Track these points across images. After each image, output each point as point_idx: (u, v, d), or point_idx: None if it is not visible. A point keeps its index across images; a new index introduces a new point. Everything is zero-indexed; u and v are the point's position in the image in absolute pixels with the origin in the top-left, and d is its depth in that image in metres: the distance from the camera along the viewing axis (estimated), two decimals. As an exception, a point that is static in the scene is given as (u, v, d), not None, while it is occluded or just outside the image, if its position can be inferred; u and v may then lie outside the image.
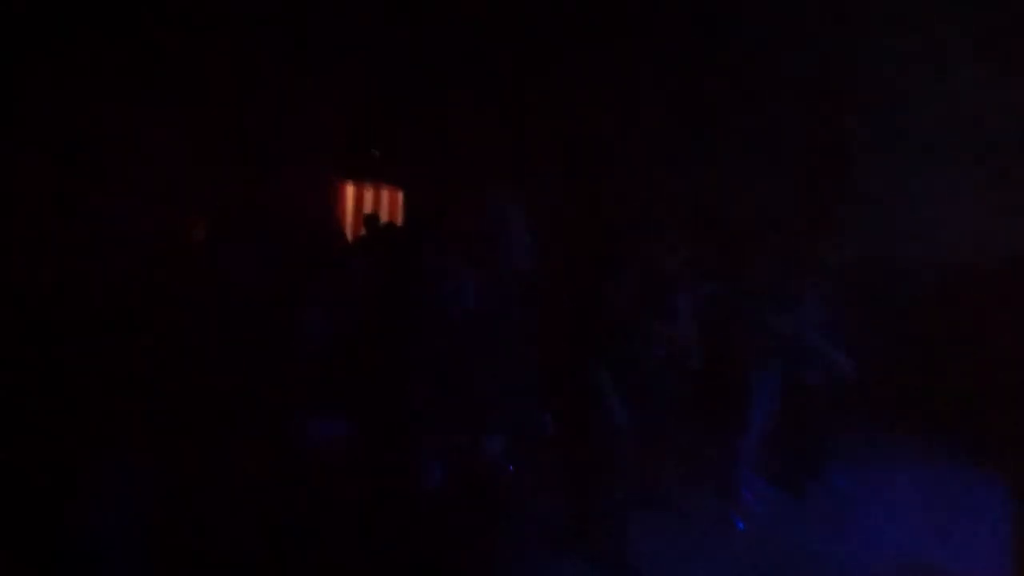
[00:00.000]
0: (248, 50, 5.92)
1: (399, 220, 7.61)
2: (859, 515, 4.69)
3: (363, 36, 6.56)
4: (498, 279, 3.25)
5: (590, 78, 6.83)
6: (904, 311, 5.57)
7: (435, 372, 2.91)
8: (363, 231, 6.20)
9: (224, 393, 2.47)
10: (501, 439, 3.06)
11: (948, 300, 5.94)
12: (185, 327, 2.57)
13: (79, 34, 4.81)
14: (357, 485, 2.65)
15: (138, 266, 2.81)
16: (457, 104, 7.11)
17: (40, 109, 4.45)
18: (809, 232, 5.57)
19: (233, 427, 2.44)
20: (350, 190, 7.72)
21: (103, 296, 2.59)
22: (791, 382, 4.70)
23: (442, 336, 2.95)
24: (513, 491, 3.16)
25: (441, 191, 6.84)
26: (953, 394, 5.68)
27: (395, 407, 2.80)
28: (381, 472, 2.73)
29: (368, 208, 7.65)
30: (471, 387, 2.96)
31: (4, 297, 2.58)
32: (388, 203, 7.98)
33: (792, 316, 4.61)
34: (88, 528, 2.29)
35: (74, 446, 2.28)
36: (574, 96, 6.92)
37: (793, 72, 6.23)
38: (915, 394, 5.75)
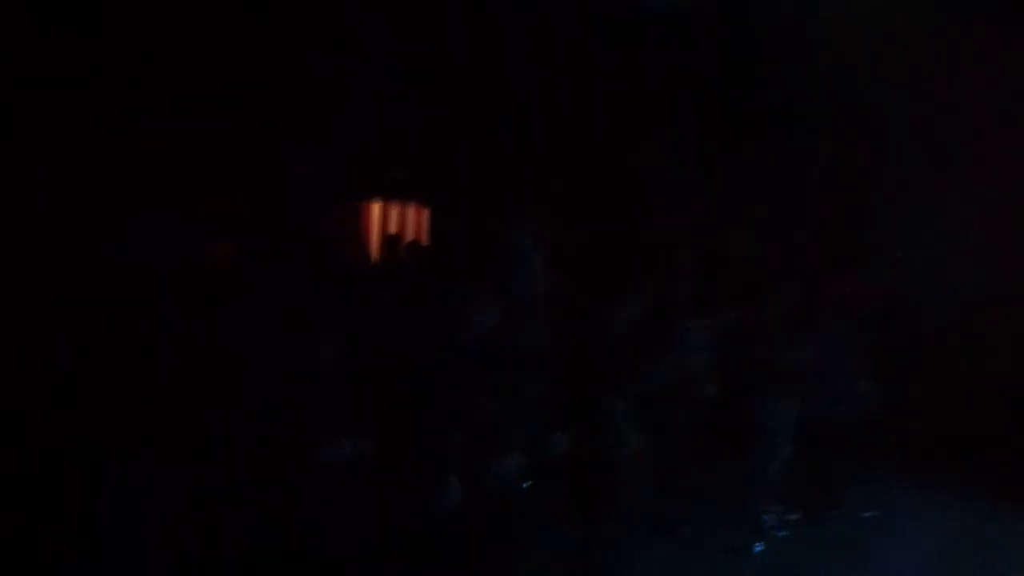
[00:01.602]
0: (275, 70, 6.13)
1: (421, 242, 7.78)
2: (881, 544, 4.74)
3: (392, 57, 6.77)
4: (513, 304, 3.43)
5: (610, 106, 6.99)
6: (924, 340, 5.64)
7: (451, 393, 3.07)
8: (384, 253, 6.38)
9: (247, 411, 2.63)
10: (514, 460, 3.21)
11: (969, 329, 6.01)
12: (209, 344, 2.74)
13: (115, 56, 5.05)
14: (373, 502, 2.79)
15: (166, 285, 2.98)
16: (479, 128, 7.28)
17: (75, 129, 4.66)
18: (827, 262, 5.69)
19: (255, 444, 2.59)
20: (372, 211, 7.91)
21: (131, 311, 2.75)
22: (811, 410, 4.78)
23: (458, 358, 3.11)
24: (525, 513, 3.29)
25: (462, 215, 7.02)
26: (976, 422, 5.72)
27: (411, 427, 2.95)
28: (397, 489, 2.88)
29: (390, 230, 7.84)
30: (485, 409, 3.10)
31: (40, 305, 2.74)
32: (411, 225, 8.15)
33: (810, 345, 4.72)
34: (111, 536, 2.41)
35: (102, 457, 2.42)
36: (592, 123, 7.09)
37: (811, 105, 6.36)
38: (938, 423, 5.79)
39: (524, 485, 3.30)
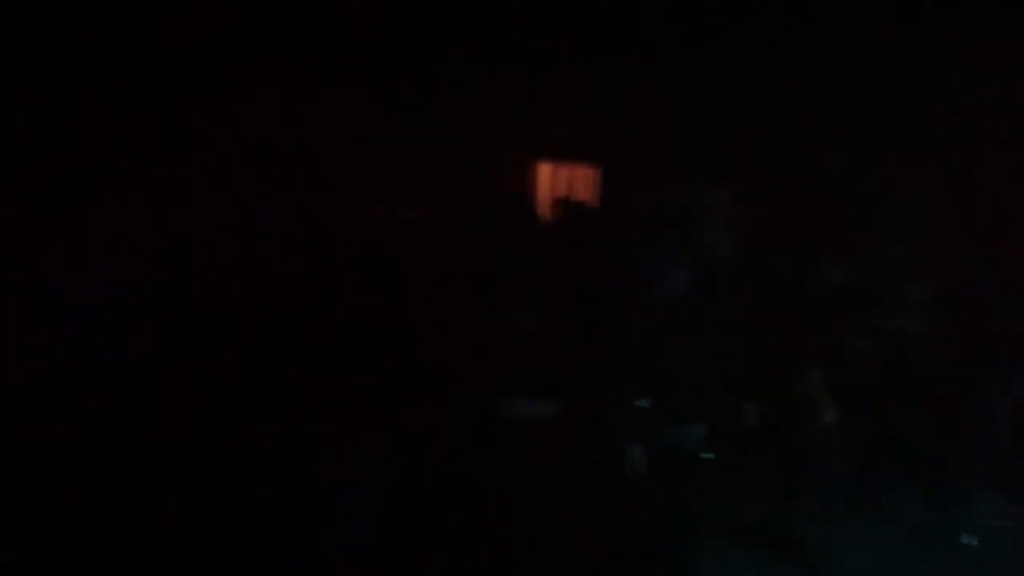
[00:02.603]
0: (448, 34, 6.22)
1: (595, 203, 7.70)
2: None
3: (560, 17, 6.70)
4: (700, 265, 3.31)
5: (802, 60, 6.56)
6: None
7: (636, 358, 3.00)
8: (558, 214, 6.36)
9: (436, 374, 2.68)
10: (701, 428, 3.13)
11: None
12: (401, 311, 2.81)
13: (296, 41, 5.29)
14: (555, 466, 2.79)
15: (356, 254, 3.09)
16: (658, 84, 7.07)
17: (257, 110, 4.92)
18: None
19: (445, 408, 2.64)
20: (545, 172, 7.92)
21: (327, 285, 2.87)
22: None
23: (642, 322, 3.03)
24: (708, 485, 3.20)
25: (640, 173, 6.86)
26: None
27: (596, 391, 2.92)
28: (582, 454, 2.86)
29: (562, 190, 7.81)
30: (671, 375, 3.01)
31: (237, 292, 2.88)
32: (584, 185, 8.09)
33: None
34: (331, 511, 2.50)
35: (311, 429, 2.51)
36: (785, 77, 6.67)
37: None
38: None
39: (707, 456, 3.21)
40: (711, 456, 3.19)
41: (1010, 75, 5.64)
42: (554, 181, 7.98)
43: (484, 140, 6.58)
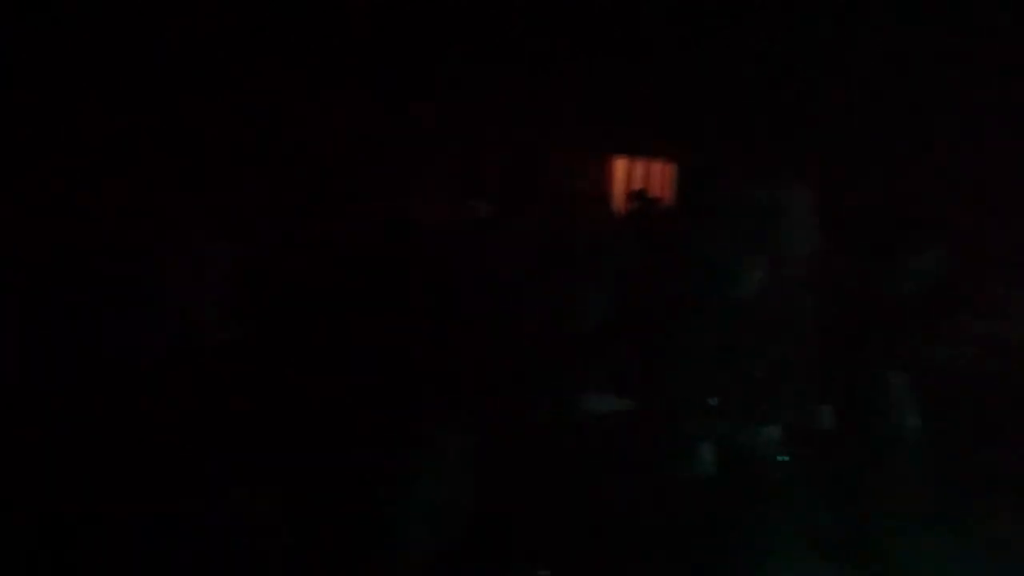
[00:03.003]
0: (527, 33, 6.23)
1: (669, 198, 7.63)
2: None
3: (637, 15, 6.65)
4: (777, 262, 3.24)
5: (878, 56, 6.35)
6: None
7: (709, 356, 2.97)
8: (632, 207, 6.33)
9: (507, 370, 2.70)
10: (775, 429, 3.07)
11: None
12: (474, 307, 2.84)
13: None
14: (625, 463, 2.78)
15: (427, 248, 3.12)
16: (736, 76, 6.95)
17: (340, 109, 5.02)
18: None
19: (517, 404, 2.66)
20: (619, 167, 7.86)
21: (398, 277, 2.91)
22: None
23: (716, 319, 2.99)
24: (781, 488, 3.14)
25: (716, 167, 6.76)
26: None
27: (667, 389, 2.89)
28: (651, 452, 2.84)
29: (637, 184, 7.75)
30: (745, 375, 2.97)
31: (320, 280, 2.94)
32: (659, 179, 8.02)
33: None
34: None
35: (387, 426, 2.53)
36: (866, 68, 6.48)
37: None
38: None
39: (782, 459, 3.15)
40: (786, 459, 3.14)
41: None
42: (628, 176, 7.93)
43: (557, 136, 6.58)
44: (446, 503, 2.45)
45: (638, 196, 6.63)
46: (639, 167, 7.96)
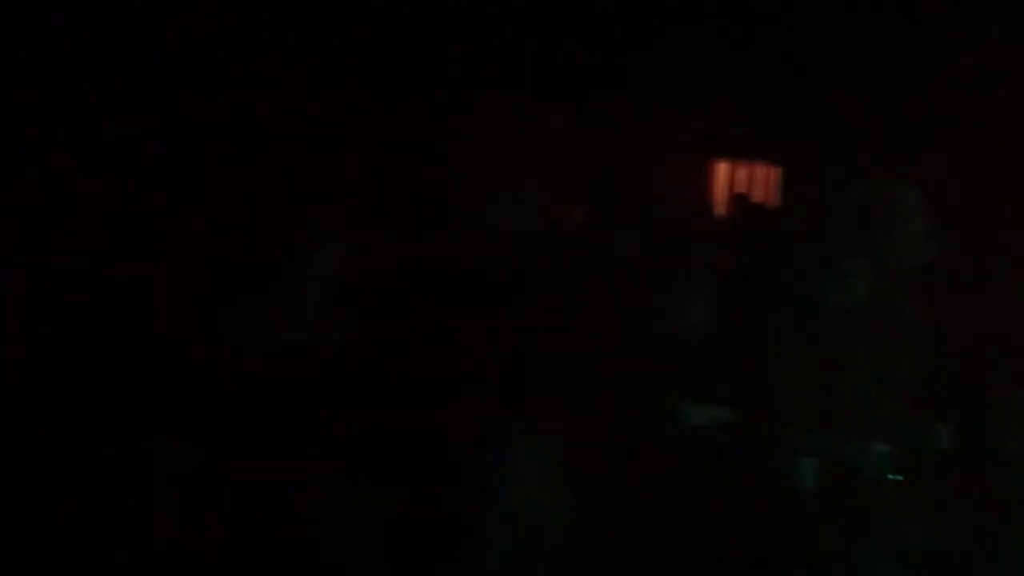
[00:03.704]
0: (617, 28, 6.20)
1: (773, 201, 7.43)
2: None
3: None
4: (889, 269, 3.12)
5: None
6: None
7: (813, 367, 2.88)
8: (733, 212, 6.21)
9: (605, 377, 2.69)
10: (882, 448, 2.96)
11: None
12: (565, 311, 2.83)
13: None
14: (721, 477, 2.72)
15: (521, 253, 3.12)
16: (841, 72, 6.71)
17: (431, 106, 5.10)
18: None
19: (608, 409, 2.64)
20: (719, 169, 7.72)
21: (496, 281, 2.92)
22: None
23: (822, 329, 2.91)
24: (891, 509, 3.01)
25: (821, 169, 6.54)
26: None
27: (766, 400, 2.82)
28: (750, 466, 2.78)
29: (738, 188, 7.60)
30: (851, 388, 2.87)
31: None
32: (762, 183, 7.83)
33: None
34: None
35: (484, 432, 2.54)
36: (983, 60, 6.13)
37: None
38: None
39: (892, 478, 3.03)
40: (898, 478, 3.02)
41: None
42: (730, 179, 7.77)
43: (657, 137, 6.51)
44: (536, 509, 2.46)
45: (739, 200, 6.50)
46: (740, 169, 7.79)
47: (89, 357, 2.49)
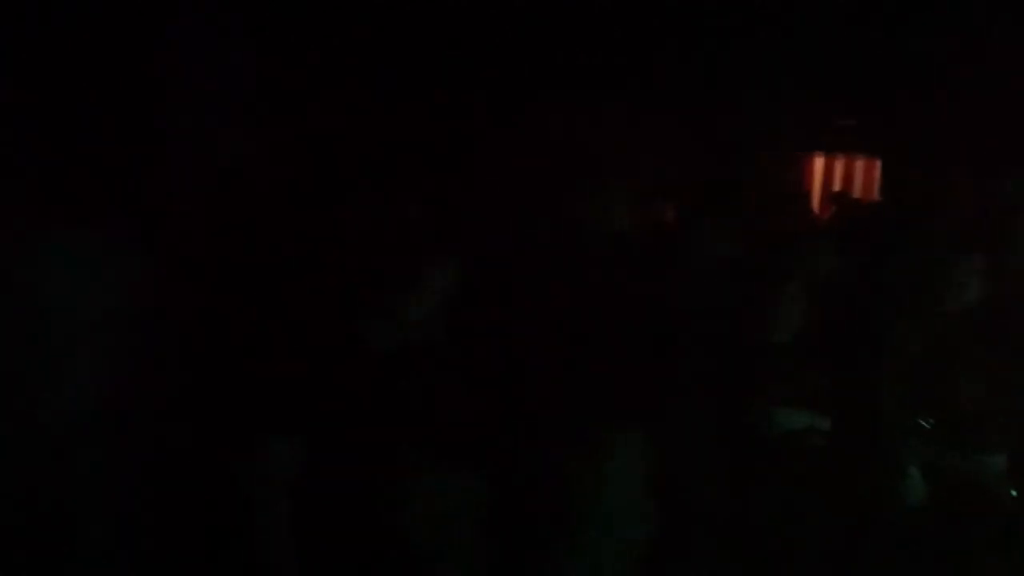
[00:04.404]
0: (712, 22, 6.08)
1: (875, 199, 7.14)
2: None
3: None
4: (1004, 273, 2.96)
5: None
6: None
7: (921, 372, 2.76)
8: (833, 210, 5.99)
9: (697, 381, 2.63)
10: (1002, 459, 2.82)
11: None
12: (658, 312, 2.78)
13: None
14: (825, 487, 2.63)
15: (619, 255, 3.08)
16: (948, 64, 6.40)
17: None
18: None
19: (702, 415, 2.59)
20: (819, 164, 7.48)
21: (585, 283, 2.88)
22: None
23: (930, 332, 2.78)
24: (1012, 526, 2.85)
25: (930, 165, 6.25)
26: None
27: (871, 407, 2.71)
28: (852, 477, 2.67)
29: (839, 185, 7.33)
30: (967, 395, 2.73)
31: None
32: (864, 179, 7.54)
33: None
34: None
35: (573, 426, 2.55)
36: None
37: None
38: None
39: (1013, 493, 2.86)
40: (1014, 493, 2.85)
41: None
42: (830, 175, 7.52)
43: (753, 133, 6.35)
44: (627, 511, 2.45)
45: (839, 198, 6.26)
46: (843, 165, 7.52)
47: (221, 358, 2.61)
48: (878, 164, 7.53)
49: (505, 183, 3.62)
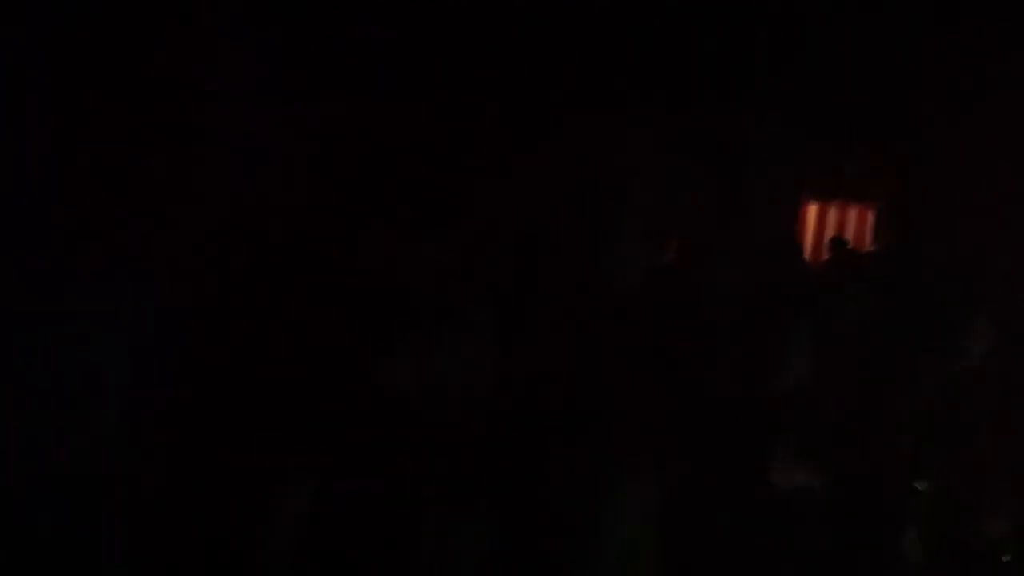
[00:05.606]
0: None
1: (871, 244, 7.15)
2: None
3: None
4: (1010, 321, 2.93)
5: None
6: None
7: (918, 429, 2.71)
8: (832, 257, 5.98)
9: (700, 430, 2.58)
10: (999, 524, 2.78)
11: None
12: (653, 360, 2.72)
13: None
14: (827, 540, 2.56)
15: (614, 297, 3.04)
16: (948, 109, 6.43)
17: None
18: None
19: (705, 462, 2.54)
20: (813, 210, 7.50)
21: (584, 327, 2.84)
22: None
23: (942, 383, 2.73)
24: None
25: (929, 211, 6.25)
26: None
27: (867, 465, 2.65)
28: (847, 536, 2.60)
29: (834, 230, 7.36)
30: (973, 454, 2.68)
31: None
32: (863, 225, 7.56)
33: None
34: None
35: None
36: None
37: None
38: None
39: (1005, 559, 2.80)
40: (1008, 559, 2.79)
41: None
42: (828, 220, 7.53)
43: (750, 176, 6.34)
44: (632, 560, 2.40)
45: (837, 243, 6.26)
46: (841, 210, 7.54)
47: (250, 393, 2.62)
48: (880, 208, 7.56)
49: (518, 227, 3.62)
